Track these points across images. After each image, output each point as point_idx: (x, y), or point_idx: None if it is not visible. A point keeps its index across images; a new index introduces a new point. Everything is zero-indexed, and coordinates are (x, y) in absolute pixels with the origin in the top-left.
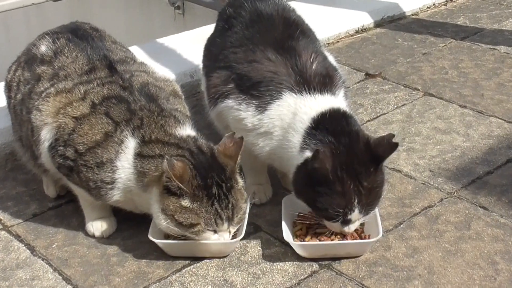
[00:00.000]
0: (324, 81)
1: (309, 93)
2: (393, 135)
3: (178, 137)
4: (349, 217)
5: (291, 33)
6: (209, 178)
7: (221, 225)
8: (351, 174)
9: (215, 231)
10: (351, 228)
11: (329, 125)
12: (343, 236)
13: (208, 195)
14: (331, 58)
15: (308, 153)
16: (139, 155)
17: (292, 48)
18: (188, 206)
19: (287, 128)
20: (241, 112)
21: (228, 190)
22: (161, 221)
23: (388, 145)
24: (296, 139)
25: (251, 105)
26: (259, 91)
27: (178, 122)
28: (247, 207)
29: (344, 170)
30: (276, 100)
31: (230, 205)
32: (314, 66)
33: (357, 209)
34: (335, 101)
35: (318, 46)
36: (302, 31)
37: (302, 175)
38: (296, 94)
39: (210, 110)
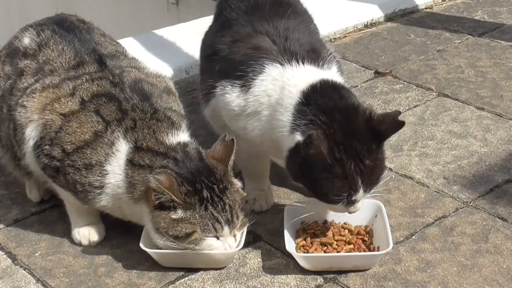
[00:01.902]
0: (312, 54)
1: (297, 63)
2: (399, 112)
3: (168, 145)
4: (353, 198)
5: (279, 12)
6: (197, 183)
7: (220, 229)
8: (351, 153)
9: (217, 238)
10: (356, 207)
11: (321, 99)
12: (350, 247)
13: (200, 199)
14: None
15: (298, 137)
16: (131, 162)
17: (278, 25)
18: (180, 217)
19: (274, 105)
20: (226, 95)
21: (222, 191)
22: (157, 240)
23: (393, 123)
24: (286, 117)
25: (235, 85)
26: (241, 70)
27: (171, 126)
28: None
29: (342, 150)
30: (259, 75)
31: (227, 207)
32: (301, 41)
33: (361, 189)
34: (327, 73)
35: (313, 29)
36: (294, 11)
37: (296, 160)
38: (281, 66)
39: (204, 108)
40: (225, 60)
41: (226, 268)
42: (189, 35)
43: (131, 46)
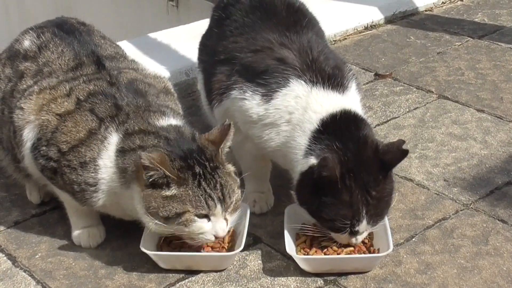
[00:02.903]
0: (335, 73)
1: (322, 86)
2: (403, 141)
3: (159, 126)
4: (356, 228)
5: (296, 20)
6: (189, 159)
7: (213, 207)
8: (359, 182)
9: (208, 217)
10: (358, 239)
11: (338, 129)
12: (351, 249)
13: (193, 174)
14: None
15: (313, 160)
16: (121, 151)
17: (297, 35)
18: (173, 193)
19: (294, 124)
20: (245, 101)
21: (213, 169)
22: (148, 223)
23: (397, 152)
24: (302, 140)
25: (257, 93)
26: (264, 79)
27: (163, 115)
28: (247, 217)
29: (352, 178)
30: (282, 88)
31: (218, 186)
32: (323, 56)
33: (365, 220)
34: (347, 100)
35: (325, 40)
36: (309, 21)
37: (306, 183)
38: (306, 84)
39: (215, 107)
40: (246, 67)
41: (226, 270)
42: (189, 38)
43: (132, 48)
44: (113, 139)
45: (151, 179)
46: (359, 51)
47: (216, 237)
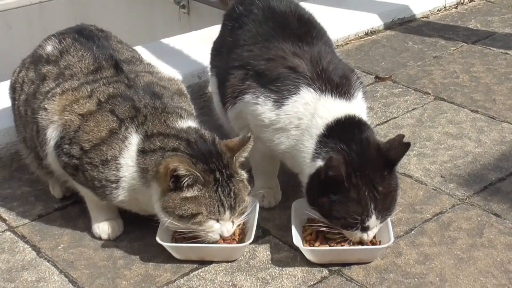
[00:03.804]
0: (343, 82)
1: (330, 94)
2: (403, 136)
3: (178, 128)
4: (367, 224)
5: (306, 31)
6: (211, 163)
7: (223, 213)
8: (365, 180)
9: (218, 220)
10: (369, 235)
11: (341, 132)
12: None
13: (214, 179)
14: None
15: (320, 162)
16: (142, 152)
17: (309, 46)
18: (193, 195)
19: (303, 129)
20: (258, 106)
21: (228, 177)
22: (163, 219)
23: (399, 147)
24: (310, 144)
25: (269, 99)
26: (276, 86)
27: (180, 117)
28: (256, 211)
29: (358, 176)
30: (293, 95)
31: (232, 193)
32: (332, 65)
33: (374, 215)
34: (353, 107)
35: (333, 49)
36: (318, 32)
37: (315, 185)
38: (315, 92)
39: (229, 110)
40: (259, 73)
41: (237, 261)
42: (201, 43)
43: (147, 53)
44: (134, 139)
45: (174, 182)
46: (360, 55)
47: (221, 236)
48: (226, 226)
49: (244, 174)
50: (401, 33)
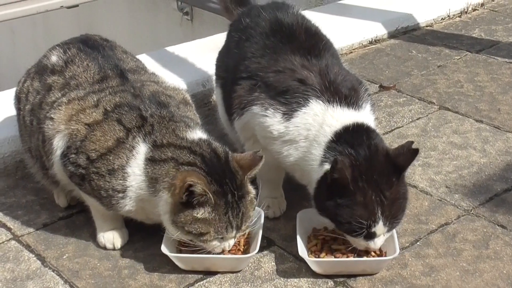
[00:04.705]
0: (351, 93)
1: (338, 104)
2: (412, 142)
3: (190, 140)
4: (373, 229)
5: (314, 44)
6: (225, 185)
7: (230, 233)
8: (372, 184)
9: (222, 238)
10: (376, 243)
11: (350, 138)
12: (359, 253)
13: (225, 203)
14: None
15: (327, 166)
16: (150, 160)
17: (317, 58)
18: (203, 217)
19: (312, 140)
20: (267, 118)
21: (240, 198)
22: (171, 231)
23: (408, 153)
24: (318, 152)
25: (278, 111)
26: (285, 99)
27: (188, 127)
28: (261, 221)
29: (365, 180)
30: (302, 108)
31: (240, 214)
32: (340, 77)
33: (381, 221)
34: (361, 115)
35: (340, 60)
36: (325, 44)
37: (322, 189)
38: (323, 104)
39: (235, 120)
40: (267, 85)
41: (242, 272)
42: (205, 51)
43: (151, 61)
44: (141, 149)
45: (188, 198)
46: (364, 64)
47: (223, 250)
48: (229, 242)
49: (253, 191)
50: (405, 42)
